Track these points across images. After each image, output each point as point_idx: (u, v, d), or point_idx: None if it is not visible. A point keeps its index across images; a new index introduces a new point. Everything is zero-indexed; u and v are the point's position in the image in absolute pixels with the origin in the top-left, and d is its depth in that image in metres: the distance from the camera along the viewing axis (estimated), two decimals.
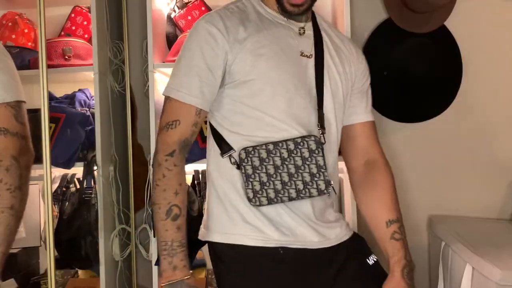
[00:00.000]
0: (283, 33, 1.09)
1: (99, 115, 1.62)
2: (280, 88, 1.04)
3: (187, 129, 1.04)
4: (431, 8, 1.76)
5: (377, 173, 1.18)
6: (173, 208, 1.02)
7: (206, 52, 1.03)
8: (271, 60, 1.04)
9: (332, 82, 1.11)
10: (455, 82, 1.90)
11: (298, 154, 1.02)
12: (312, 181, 1.02)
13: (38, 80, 1.38)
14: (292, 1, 1.05)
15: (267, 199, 1.02)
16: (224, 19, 1.05)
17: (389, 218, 1.15)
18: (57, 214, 1.72)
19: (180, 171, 1.04)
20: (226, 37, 1.03)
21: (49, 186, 1.38)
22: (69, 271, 1.82)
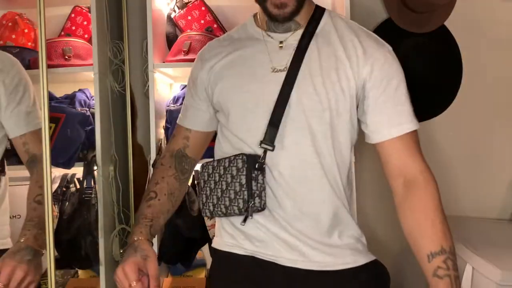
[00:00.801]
0: (257, 50, 1.09)
1: (99, 115, 1.62)
2: (240, 108, 1.07)
3: (178, 141, 1.20)
4: (431, 8, 1.76)
5: (416, 195, 1.01)
6: (150, 193, 1.12)
7: (191, 81, 1.20)
8: (233, 81, 1.09)
9: (304, 95, 1.03)
10: (455, 82, 1.90)
11: (229, 172, 1.05)
12: (234, 199, 1.03)
13: (38, 80, 1.38)
14: (274, 1, 1.01)
15: (209, 211, 1.11)
16: (211, 50, 1.17)
17: (431, 250, 0.97)
18: (57, 214, 1.72)
19: (164, 169, 1.16)
20: (205, 65, 1.15)
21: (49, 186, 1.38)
22: (69, 271, 1.82)
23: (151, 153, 1.62)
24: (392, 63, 1.06)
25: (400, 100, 1.04)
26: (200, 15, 1.79)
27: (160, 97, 1.71)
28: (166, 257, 1.62)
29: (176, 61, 1.66)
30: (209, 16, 1.80)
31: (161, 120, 1.70)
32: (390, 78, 1.04)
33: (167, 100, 1.77)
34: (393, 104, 1.04)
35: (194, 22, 1.79)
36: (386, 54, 1.06)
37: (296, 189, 1.04)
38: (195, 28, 1.78)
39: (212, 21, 1.79)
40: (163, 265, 1.68)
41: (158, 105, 1.66)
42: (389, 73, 1.04)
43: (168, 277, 1.79)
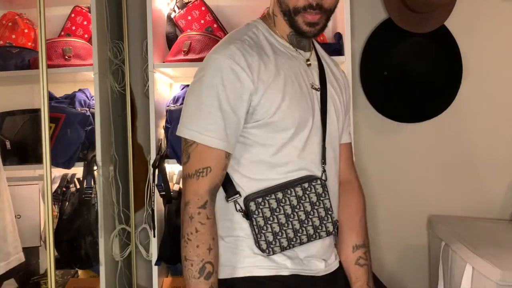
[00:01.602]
0: (298, 66, 1.06)
1: (99, 115, 1.62)
2: (301, 127, 1.01)
3: (218, 175, 0.97)
4: (431, 8, 1.76)
5: (350, 196, 1.17)
6: (207, 265, 0.95)
7: (230, 92, 0.95)
8: (294, 100, 1.00)
9: (336, 113, 1.10)
10: (455, 82, 1.90)
11: (307, 200, 1.00)
12: (321, 224, 1.02)
13: (38, 80, 1.38)
14: (307, 19, 0.99)
15: (280, 248, 0.99)
16: (246, 56, 0.97)
17: (356, 243, 1.14)
18: (57, 214, 1.72)
19: (213, 223, 0.96)
20: (250, 77, 0.96)
21: (49, 186, 1.38)
22: (69, 271, 1.82)
23: (151, 153, 1.62)
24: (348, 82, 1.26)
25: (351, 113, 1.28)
26: (200, 15, 1.79)
27: (160, 97, 1.71)
28: (166, 257, 1.62)
29: (176, 61, 1.66)
30: (209, 16, 1.80)
31: (161, 120, 1.70)
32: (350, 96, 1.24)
33: (167, 100, 1.77)
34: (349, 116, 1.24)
35: (194, 22, 1.79)
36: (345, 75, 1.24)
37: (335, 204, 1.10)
38: (195, 28, 1.78)
39: (212, 21, 1.79)
40: (163, 265, 1.68)
41: (158, 105, 1.66)
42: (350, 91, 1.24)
43: (168, 277, 1.79)
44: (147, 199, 1.72)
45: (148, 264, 1.82)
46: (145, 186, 1.70)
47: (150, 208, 1.64)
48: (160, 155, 1.61)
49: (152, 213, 1.62)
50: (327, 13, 1.01)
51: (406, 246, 1.95)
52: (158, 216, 1.64)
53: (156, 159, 1.59)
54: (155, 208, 1.60)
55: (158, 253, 1.62)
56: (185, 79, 1.89)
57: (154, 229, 1.61)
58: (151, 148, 1.62)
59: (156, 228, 1.61)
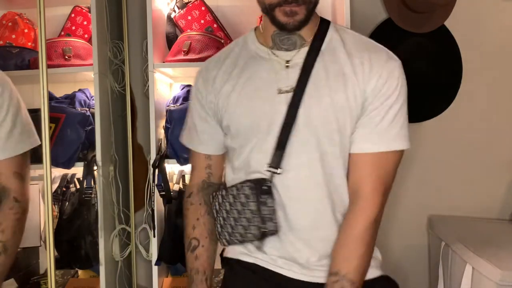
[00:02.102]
0: (265, 71, 1.05)
1: (99, 115, 1.62)
2: (250, 132, 1.05)
3: (202, 172, 1.17)
4: (431, 8, 1.76)
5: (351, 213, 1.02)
6: (192, 241, 1.13)
7: (197, 103, 1.14)
8: (242, 106, 1.05)
9: (314, 117, 1.00)
10: (455, 82, 1.90)
11: (238, 200, 1.05)
12: (248, 226, 1.04)
13: (38, 80, 1.38)
14: (285, 9, 0.96)
15: (226, 240, 1.09)
16: (211, 69, 1.12)
17: (331, 268, 1.00)
18: (57, 214, 1.72)
19: (196, 208, 1.16)
20: (210, 88, 1.10)
21: (49, 186, 1.38)
22: (69, 271, 1.82)
23: (151, 153, 1.62)
24: (395, 81, 1.02)
25: (387, 120, 1.01)
26: (200, 15, 1.79)
27: (160, 97, 1.71)
28: (166, 257, 1.62)
29: (176, 61, 1.66)
30: (209, 16, 1.80)
31: (161, 120, 1.70)
32: (387, 97, 1.00)
33: (167, 100, 1.77)
34: (378, 123, 1.01)
35: (194, 22, 1.79)
36: (392, 71, 1.02)
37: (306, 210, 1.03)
38: (195, 28, 1.78)
39: (212, 21, 1.79)
40: (163, 265, 1.68)
41: (158, 105, 1.66)
42: (388, 92, 1.01)
43: (168, 277, 1.79)
44: (147, 199, 1.72)
45: (148, 264, 1.82)
46: (145, 186, 1.70)
47: (150, 208, 1.64)
48: (160, 155, 1.61)
49: (152, 213, 1.62)
50: (306, 3, 0.97)
51: (406, 246, 1.95)
52: (158, 216, 1.64)
53: (156, 159, 1.59)
54: (155, 208, 1.60)
55: (158, 253, 1.62)
56: (185, 79, 1.89)
57: (154, 229, 1.61)
58: (151, 148, 1.62)
59: (156, 228, 1.61)
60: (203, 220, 1.14)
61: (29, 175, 1.25)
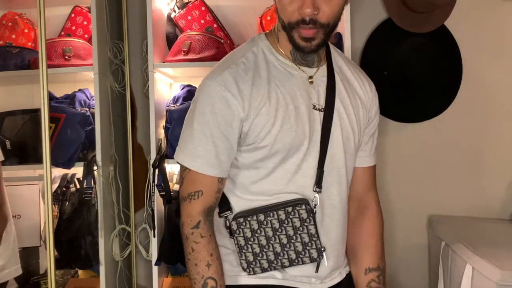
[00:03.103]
0: (296, 86, 1.02)
1: (99, 115, 1.62)
2: (293, 151, 1.00)
3: (211, 198, 1.01)
4: (431, 8, 1.76)
5: (366, 219, 1.16)
6: (208, 281, 0.99)
7: (221, 119, 0.98)
8: (286, 124, 0.99)
9: (344, 134, 1.05)
10: (455, 82, 1.90)
11: (289, 224, 0.99)
12: (304, 250, 1.00)
13: (38, 80, 1.38)
14: (302, 34, 0.95)
15: (260, 269, 1.01)
16: (238, 82, 0.98)
17: (369, 265, 1.12)
18: (57, 214, 1.72)
19: (208, 241, 1.00)
20: (241, 104, 0.97)
21: (49, 186, 1.38)
22: (69, 271, 1.82)
23: (151, 153, 1.62)
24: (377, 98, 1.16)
25: (376, 135, 1.18)
26: (200, 15, 1.79)
27: (160, 97, 1.70)
28: (166, 257, 1.62)
29: (176, 61, 1.66)
30: (209, 16, 1.80)
31: (161, 120, 1.70)
32: (377, 114, 1.16)
33: (167, 100, 1.77)
34: (374, 138, 1.17)
35: (194, 22, 1.79)
36: (374, 90, 1.16)
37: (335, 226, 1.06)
38: (195, 28, 1.78)
39: (212, 21, 1.79)
40: (163, 265, 1.68)
41: (158, 105, 1.66)
42: (377, 110, 1.16)
43: (168, 277, 1.79)
44: (147, 199, 1.72)
45: (148, 264, 1.82)
46: (145, 186, 1.70)
47: (150, 208, 1.64)
48: (160, 155, 1.61)
49: (152, 213, 1.61)
50: (324, 27, 0.95)
51: (406, 246, 1.95)
52: (158, 216, 1.64)
53: (156, 159, 1.59)
54: (155, 208, 1.60)
55: (158, 253, 1.62)
56: (185, 79, 1.89)
57: (154, 229, 1.61)
58: (151, 148, 1.62)
59: (156, 228, 1.61)
60: (217, 255, 1.01)
61: None
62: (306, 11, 0.92)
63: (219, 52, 1.63)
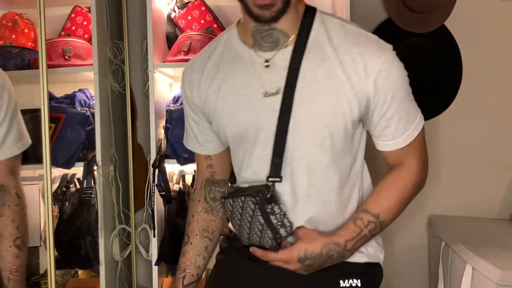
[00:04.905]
0: (246, 73, 0.98)
1: (99, 115, 1.62)
2: (238, 141, 1.02)
3: (204, 171, 1.16)
4: (431, 8, 1.76)
5: (394, 172, 1.04)
6: (184, 237, 1.16)
7: (186, 105, 1.11)
8: (228, 114, 1.01)
9: (307, 123, 0.95)
10: (455, 82, 1.90)
11: (246, 211, 1.00)
12: (261, 236, 0.99)
13: (38, 80, 1.38)
14: (258, 2, 0.88)
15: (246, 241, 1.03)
16: (193, 70, 1.07)
17: (367, 207, 0.99)
18: (57, 214, 1.72)
19: (195, 204, 1.16)
20: (196, 92, 1.06)
21: (49, 186, 1.38)
22: (69, 271, 1.82)
23: (151, 153, 1.62)
24: (395, 69, 0.97)
25: (404, 110, 0.99)
26: (200, 15, 1.79)
27: (160, 97, 1.71)
28: (166, 257, 1.62)
29: (176, 61, 1.66)
30: (209, 16, 1.80)
31: (161, 120, 1.70)
32: (395, 91, 0.96)
33: (167, 100, 1.77)
34: (399, 117, 0.99)
35: (194, 22, 1.79)
36: (388, 61, 0.96)
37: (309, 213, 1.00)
38: (195, 28, 1.78)
39: (212, 21, 1.79)
40: (163, 265, 1.68)
41: (158, 105, 1.66)
42: (393, 85, 0.96)
43: (168, 277, 1.79)
44: (147, 199, 1.72)
45: (148, 264, 1.82)
46: (145, 186, 1.70)
47: (150, 208, 1.64)
48: (160, 155, 1.61)
49: (152, 213, 1.62)
50: None
51: (406, 246, 1.95)
52: (158, 216, 1.64)
53: (156, 159, 1.59)
54: (155, 208, 1.60)
55: (158, 253, 1.62)
56: None
57: (154, 229, 1.61)
58: (151, 148, 1.62)
59: (156, 228, 1.61)
60: (198, 217, 1.14)
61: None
62: None
63: None
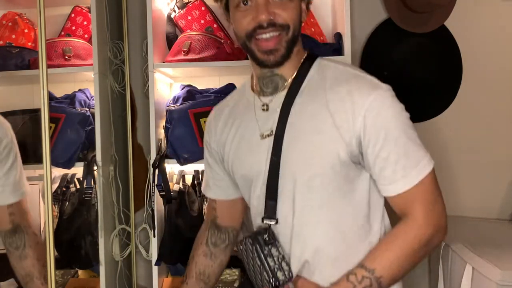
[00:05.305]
0: (249, 117, 1.03)
1: (99, 115, 1.62)
2: (246, 183, 1.05)
3: (210, 212, 1.21)
4: (431, 8, 1.76)
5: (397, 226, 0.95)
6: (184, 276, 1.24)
7: (205, 150, 1.16)
8: (237, 159, 1.05)
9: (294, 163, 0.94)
10: (455, 82, 1.90)
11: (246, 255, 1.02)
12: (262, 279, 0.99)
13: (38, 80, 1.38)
14: (262, 48, 0.93)
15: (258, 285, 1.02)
16: (215, 117, 1.13)
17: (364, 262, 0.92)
18: (57, 214, 1.72)
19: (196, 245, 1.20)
20: (213, 137, 1.12)
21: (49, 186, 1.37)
22: (69, 271, 1.82)
23: (151, 153, 1.62)
24: (387, 108, 0.93)
25: (402, 151, 0.93)
26: (200, 15, 1.79)
27: (160, 97, 1.70)
28: (166, 257, 1.62)
29: (176, 61, 1.66)
30: (209, 16, 1.80)
31: (161, 120, 1.70)
32: (387, 130, 0.91)
33: (167, 100, 1.77)
34: (395, 159, 0.91)
35: (194, 22, 1.79)
36: (379, 99, 0.92)
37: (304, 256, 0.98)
38: (195, 28, 1.78)
39: (212, 21, 1.79)
40: (163, 265, 1.68)
41: (158, 105, 1.66)
42: (385, 124, 0.91)
43: (168, 277, 1.79)
44: (147, 199, 1.71)
45: (148, 264, 1.82)
46: (145, 186, 1.70)
47: (150, 208, 1.64)
48: (160, 155, 1.61)
49: (152, 213, 1.62)
50: (284, 29, 0.92)
51: None
52: (158, 216, 1.64)
53: (156, 159, 1.59)
54: (155, 208, 1.60)
55: (158, 253, 1.62)
56: (185, 79, 1.89)
57: (154, 229, 1.61)
58: (151, 148, 1.62)
59: (156, 228, 1.61)
60: (197, 260, 1.19)
61: None
62: (261, 18, 0.90)
63: (219, 52, 1.63)
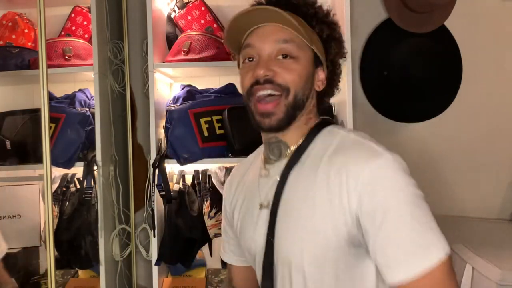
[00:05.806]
0: (257, 186, 0.98)
1: (99, 115, 1.62)
2: (249, 257, 1.02)
3: (227, 274, 1.18)
4: (431, 8, 1.76)
5: None
6: None
7: (223, 211, 1.13)
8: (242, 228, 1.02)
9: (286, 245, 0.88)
10: (455, 82, 1.91)
11: None
12: None
13: (38, 80, 1.38)
14: (260, 110, 0.89)
15: None
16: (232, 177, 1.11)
17: None
18: (57, 214, 1.72)
19: None
20: (228, 200, 1.09)
21: (49, 186, 1.38)
22: (69, 271, 1.82)
23: (151, 153, 1.61)
24: (387, 182, 0.81)
25: (406, 234, 0.78)
26: (200, 15, 1.79)
27: (160, 97, 1.70)
28: (166, 257, 1.62)
29: (176, 61, 1.66)
30: (209, 16, 1.80)
31: (161, 120, 1.70)
32: (386, 209, 0.79)
33: (167, 100, 1.77)
34: (397, 243, 0.78)
35: (194, 22, 1.79)
36: (376, 170, 0.81)
37: None
38: (195, 28, 1.78)
39: (212, 21, 1.79)
40: (163, 265, 1.68)
41: (158, 105, 1.66)
42: (383, 201, 0.79)
43: (168, 277, 1.79)
44: (147, 199, 1.72)
45: (148, 264, 1.82)
46: (145, 186, 1.70)
47: (150, 208, 1.64)
48: (160, 155, 1.60)
49: (152, 213, 1.61)
50: (284, 90, 0.87)
51: None
52: (158, 216, 1.64)
53: (156, 159, 1.59)
54: (155, 208, 1.60)
55: (158, 253, 1.62)
56: (185, 79, 1.89)
57: (154, 229, 1.61)
58: (151, 148, 1.62)
59: (156, 228, 1.61)
60: None
61: None
62: (259, 73, 0.87)
63: (219, 52, 1.63)
